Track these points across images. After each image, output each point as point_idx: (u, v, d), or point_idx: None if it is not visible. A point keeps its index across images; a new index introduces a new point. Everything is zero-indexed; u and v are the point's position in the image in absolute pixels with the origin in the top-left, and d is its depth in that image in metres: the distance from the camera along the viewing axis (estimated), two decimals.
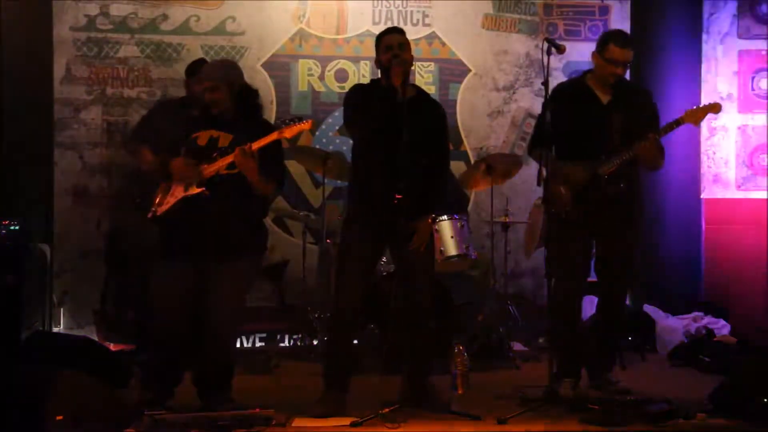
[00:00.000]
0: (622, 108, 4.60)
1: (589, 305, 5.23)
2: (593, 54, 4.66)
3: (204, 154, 4.24)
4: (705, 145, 6.51)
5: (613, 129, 4.56)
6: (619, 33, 4.78)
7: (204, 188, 4.16)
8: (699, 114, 4.47)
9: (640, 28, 6.65)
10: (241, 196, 4.20)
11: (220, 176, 4.17)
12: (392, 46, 4.25)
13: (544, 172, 4.32)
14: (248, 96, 4.38)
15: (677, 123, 4.47)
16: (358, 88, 4.49)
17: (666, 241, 6.51)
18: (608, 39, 4.63)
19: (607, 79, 4.61)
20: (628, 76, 6.42)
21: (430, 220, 4.31)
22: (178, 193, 4.22)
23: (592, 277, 4.83)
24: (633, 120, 4.58)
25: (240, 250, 4.25)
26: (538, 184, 4.31)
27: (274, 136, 4.15)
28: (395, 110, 4.13)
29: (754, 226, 6.07)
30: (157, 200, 4.30)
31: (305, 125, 4.18)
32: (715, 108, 4.49)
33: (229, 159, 4.13)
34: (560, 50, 4.41)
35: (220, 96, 4.27)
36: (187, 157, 4.26)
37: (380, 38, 4.36)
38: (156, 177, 4.35)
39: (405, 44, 4.29)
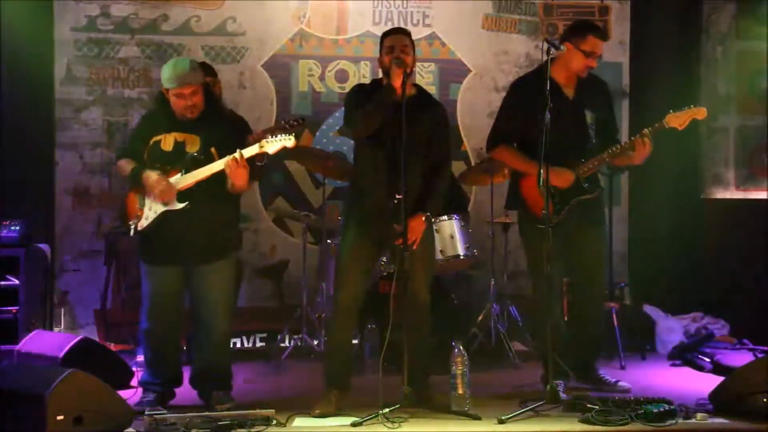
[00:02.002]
0: (588, 103, 4.55)
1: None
2: (567, 45, 4.45)
3: (171, 159, 4.18)
4: (705, 145, 6.50)
5: (585, 127, 4.52)
6: (594, 23, 4.62)
7: (186, 203, 4.12)
8: (683, 118, 4.35)
9: (640, 28, 6.65)
10: (217, 199, 4.19)
11: (197, 184, 4.14)
12: (394, 47, 4.24)
13: (544, 174, 4.26)
14: (209, 92, 4.31)
15: (661, 126, 4.37)
16: (358, 87, 4.49)
17: (666, 241, 6.51)
18: (587, 30, 4.50)
19: (581, 72, 4.51)
20: (627, 74, 6.53)
21: (423, 218, 4.30)
22: (157, 207, 4.17)
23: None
24: (599, 115, 4.57)
25: (221, 251, 4.27)
26: (538, 184, 4.29)
27: (255, 149, 4.04)
28: (396, 110, 4.13)
29: (753, 226, 6.06)
30: (134, 213, 4.24)
31: (288, 142, 4.03)
32: (700, 113, 4.36)
33: (217, 169, 4.08)
34: (560, 51, 4.38)
35: (200, 99, 4.20)
36: (151, 162, 4.18)
37: (383, 38, 4.35)
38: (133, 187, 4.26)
39: (408, 46, 4.27)
